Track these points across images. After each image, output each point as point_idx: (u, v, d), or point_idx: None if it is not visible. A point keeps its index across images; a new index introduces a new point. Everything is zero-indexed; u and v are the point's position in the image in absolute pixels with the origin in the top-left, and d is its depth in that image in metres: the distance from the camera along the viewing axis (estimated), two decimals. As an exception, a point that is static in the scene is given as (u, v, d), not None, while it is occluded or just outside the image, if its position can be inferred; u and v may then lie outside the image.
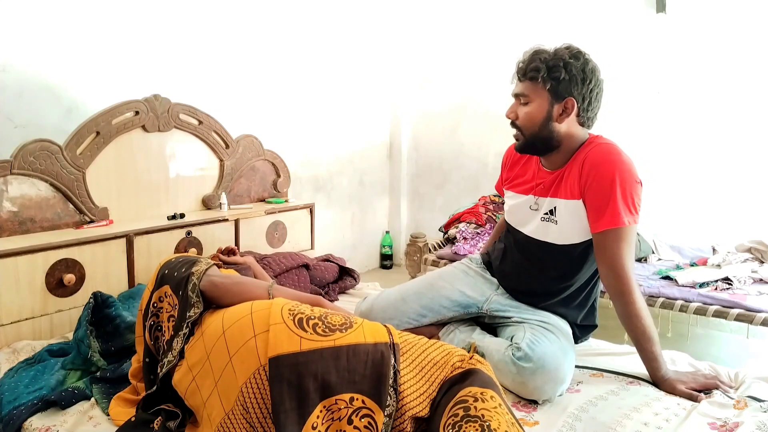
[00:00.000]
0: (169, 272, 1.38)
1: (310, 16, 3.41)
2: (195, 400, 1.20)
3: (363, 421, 1.08)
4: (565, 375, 1.42)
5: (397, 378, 1.12)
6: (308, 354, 1.09)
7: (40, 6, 2.19)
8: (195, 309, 1.29)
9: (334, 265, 2.40)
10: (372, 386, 1.10)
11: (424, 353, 1.19)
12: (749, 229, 2.88)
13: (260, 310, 1.19)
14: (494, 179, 1.93)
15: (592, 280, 1.63)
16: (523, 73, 1.50)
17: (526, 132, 1.52)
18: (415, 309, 1.71)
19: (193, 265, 1.37)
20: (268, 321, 1.15)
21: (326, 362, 1.09)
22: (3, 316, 1.75)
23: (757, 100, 2.93)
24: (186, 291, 1.31)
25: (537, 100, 1.48)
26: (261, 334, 1.13)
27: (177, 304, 1.32)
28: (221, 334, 1.18)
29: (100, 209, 2.10)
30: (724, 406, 1.30)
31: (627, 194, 1.43)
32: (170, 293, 1.35)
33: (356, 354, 1.12)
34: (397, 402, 1.10)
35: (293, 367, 1.08)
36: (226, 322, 1.21)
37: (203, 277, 1.33)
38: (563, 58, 1.45)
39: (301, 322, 1.15)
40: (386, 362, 1.12)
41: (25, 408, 1.36)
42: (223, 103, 2.82)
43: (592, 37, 3.11)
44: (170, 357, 1.27)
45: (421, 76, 4.15)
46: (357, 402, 1.09)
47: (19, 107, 2.17)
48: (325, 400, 1.08)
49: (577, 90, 1.47)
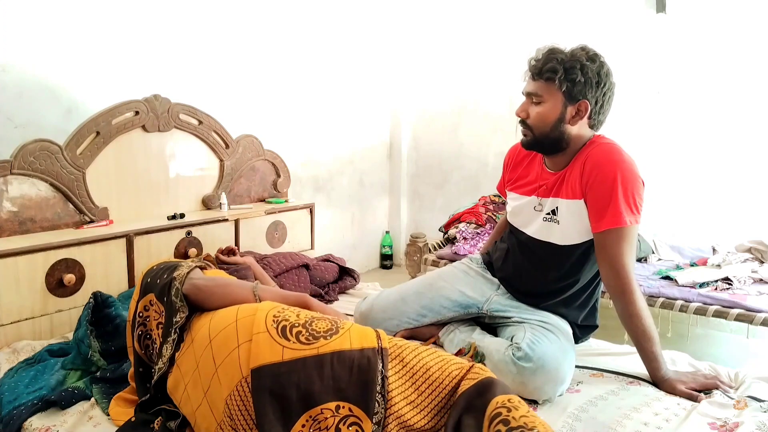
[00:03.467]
0: (151, 280, 1.36)
1: (310, 16, 3.41)
2: (187, 408, 1.20)
3: (351, 429, 1.06)
4: (565, 375, 1.42)
5: (385, 384, 1.09)
6: (290, 363, 1.08)
7: (40, 6, 2.19)
8: (180, 313, 1.27)
9: (334, 265, 2.40)
10: (358, 393, 1.08)
11: (416, 358, 1.16)
12: (749, 229, 2.88)
13: (245, 317, 1.18)
14: (494, 179, 1.93)
15: (594, 281, 1.63)
16: (538, 72, 1.47)
17: (537, 132, 1.51)
18: (415, 309, 1.71)
19: (174, 270, 1.35)
20: (251, 330, 1.13)
21: (309, 371, 1.08)
22: (3, 316, 1.75)
23: (757, 100, 2.93)
24: (170, 296, 1.29)
25: (550, 100, 1.47)
26: (244, 344, 1.12)
27: (163, 311, 1.31)
28: (208, 344, 1.17)
29: (100, 209, 2.10)
30: (724, 406, 1.30)
31: (629, 194, 1.42)
32: (155, 301, 1.33)
33: (341, 361, 1.10)
34: (385, 409, 1.08)
35: (275, 378, 1.07)
36: (213, 330, 1.19)
37: (185, 280, 1.31)
38: (580, 59, 1.43)
39: (284, 330, 1.13)
40: (373, 368, 1.10)
41: (25, 408, 1.36)
42: (223, 103, 2.82)
43: (592, 37, 3.08)
44: (160, 364, 1.26)
45: (421, 76, 4.15)
46: (343, 410, 1.07)
47: (19, 107, 2.17)
48: (310, 410, 1.06)
49: (591, 93, 1.46)
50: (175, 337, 1.26)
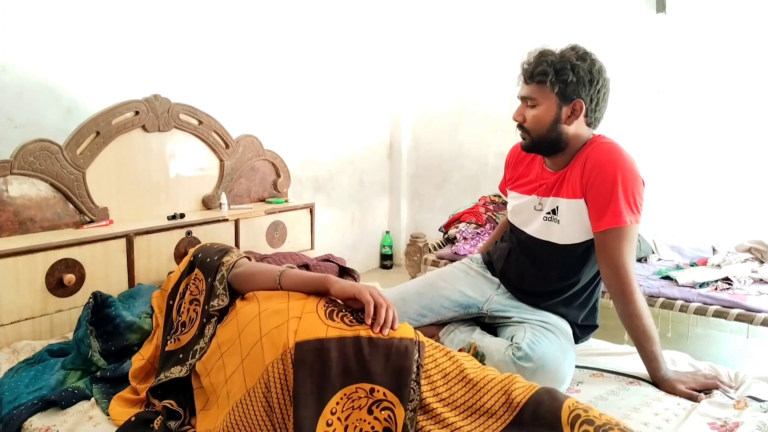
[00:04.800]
0: (202, 256, 1.43)
1: (310, 16, 3.41)
2: (218, 377, 1.22)
3: (383, 414, 1.09)
4: (565, 375, 1.42)
5: (420, 373, 1.13)
6: (332, 341, 1.11)
7: (40, 6, 2.19)
8: (219, 300, 1.33)
9: (334, 265, 2.40)
10: (394, 379, 1.11)
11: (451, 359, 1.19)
12: (749, 229, 2.88)
13: (297, 300, 1.23)
14: (494, 179, 1.93)
15: (595, 281, 1.63)
16: (530, 76, 1.48)
17: (534, 134, 1.51)
18: (415, 309, 1.71)
19: (225, 254, 1.41)
20: (303, 309, 1.18)
21: (348, 350, 1.11)
22: (3, 316, 1.75)
23: (757, 100, 2.93)
24: (215, 280, 1.35)
25: (545, 102, 1.47)
26: (293, 319, 1.16)
27: (203, 290, 1.36)
28: (257, 315, 1.21)
29: (100, 209, 2.10)
30: (724, 406, 1.30)
31: (629, 193, 1.42)
32: (201, 278, 1.40)
33: (380, 346, 1.13)
34: (420, 399, 1.11)
35: (317, 353, 1.10)
36: (263, 306, 1.24)
37: (232, 269, 1.36)
38: (570, 60, 1.44)
39: (331, 313, 1.18)
40: (410, 356, 1.13)
41: (25, 408, 1.36)
42: (223, 103, 2.82)
43: (592, 37, 3.10)
44: (202, 344, 1.30)
45: (421, 76, 4.15)
46: (378, 394, 1.10)
47: (19, 107, 2.17)
48: (346, 388, 1.09)
49: (585, 91, 1.46)
50: (216, 319, 1.32)
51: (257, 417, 1.11)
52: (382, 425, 1.08)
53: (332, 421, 1.06)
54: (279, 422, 1.09)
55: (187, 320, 1.38)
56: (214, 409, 1.21)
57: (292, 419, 1.06)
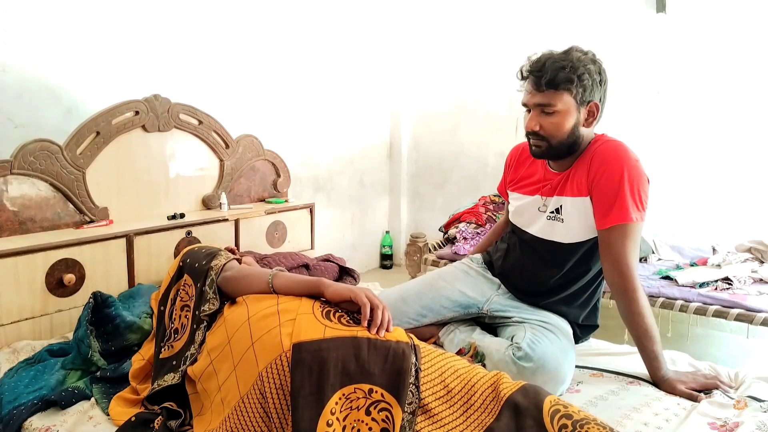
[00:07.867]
0: (190, 261, 1.42)
1: (310, 16, 3.41)
2: (210, 383, 1.21)
3: (381, 414, 1.09)
4: (566, 375, 1.42)
5: (418, 376, 1.14)
6: (330, 341, 1.11)
7: (40, 6, 2.19)
8: (209, 305, 1.32)
9: (334, 265, 2.40)
10: (392, 381, 1.12)
11: (444, 360, 1.21)
12: (749, 229, 2.88)
13: (288, 302, 1.23)
14: (494, 179, 1.93)
15: (596, 280, 1.63)
16: (548, 83, 1.43)
17: (554, 141, 1.48)
18: (415, 309, 1.71)
19: (213, 258, 1.40)
20: (297, 311, 1.18)
21: (347, 350, 1.11)
22: (3, 316, 1.75)
23: (757, 100, 2.93)
24: (204, 285, 1.35)
25: (564, 108, 1.45)
26: (287, 322, 1.15)
27: (193, 296, 1.36)
28: (245, 320, 1.21)
29: (100, 209, 2.10)
30: (724, 406, 1.30)
31: (635, 190, 1.43)
32: (190, 283, 1.39)
33: (377, 347, 1.13)
34: (419, 400, 1.12)
35: (315, 353, 1.10)
36: (252, 310, 1.23)
37: (221, 272, 1.36)
38: (585, 63, 1.44)
39: (328, 314, 1.19)
40: (407, 359, 1.14)
41: (25, 408, 1.36)
42: (223, 103, 2.82)
43: (592, 37, 3.10)
44: (192, 350, 1.30)
45: (421, 76, 4.15)
46: (376, 395, 1.10)
47: (19, 107, 2.17)
48: (344, 388, 1.10)
49: (598, 93, 1.48)
50: (205, 325, 1.32)
51: (254, 422, 1.10)
52: (379, 426, 1.08)
53: (332, 421, 1.06)
54: (276, 426, 1.08)
55: (180, 327, 1.38)
56: (207, 415, 1.21)
57: (290, 422, 1.06)
